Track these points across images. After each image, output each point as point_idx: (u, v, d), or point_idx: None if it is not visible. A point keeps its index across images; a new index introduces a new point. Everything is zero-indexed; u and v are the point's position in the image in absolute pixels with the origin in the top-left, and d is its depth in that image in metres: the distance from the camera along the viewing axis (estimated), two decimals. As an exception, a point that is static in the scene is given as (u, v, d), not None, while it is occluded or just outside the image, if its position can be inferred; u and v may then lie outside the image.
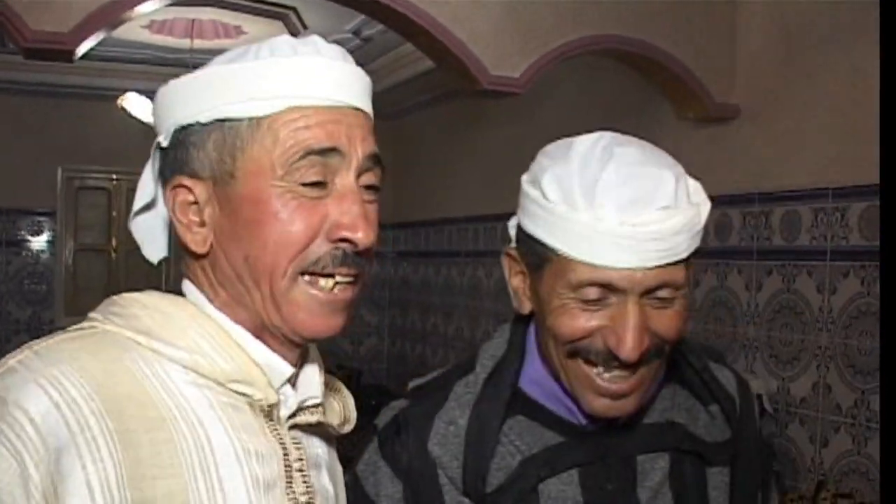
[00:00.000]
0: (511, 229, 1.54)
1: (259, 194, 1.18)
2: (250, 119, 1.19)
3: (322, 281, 1.22)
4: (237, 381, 1.20)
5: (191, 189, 1.22)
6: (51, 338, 1.19)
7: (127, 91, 7.81)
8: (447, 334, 9.02)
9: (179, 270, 1.30)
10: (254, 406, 1.22)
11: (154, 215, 1.33)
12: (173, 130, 1.23)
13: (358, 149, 1.21)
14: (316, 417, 1.30)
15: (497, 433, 1.48)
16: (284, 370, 1.26)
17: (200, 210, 1.23)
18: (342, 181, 1.21)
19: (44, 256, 9.93)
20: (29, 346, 1.16)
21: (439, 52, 4.91)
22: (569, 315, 1.39)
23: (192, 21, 7.50)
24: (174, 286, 1.30)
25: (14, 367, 1.11)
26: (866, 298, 4.70)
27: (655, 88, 5.61)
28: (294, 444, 1.26)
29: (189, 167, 1.22)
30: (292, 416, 1.27)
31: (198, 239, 1.23)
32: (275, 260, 1.19)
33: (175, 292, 1.28)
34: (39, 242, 9.89)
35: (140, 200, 1.31)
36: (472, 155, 8.41)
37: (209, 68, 1.22)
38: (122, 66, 9.00)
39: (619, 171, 1.36)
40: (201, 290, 1.26)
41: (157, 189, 1.29)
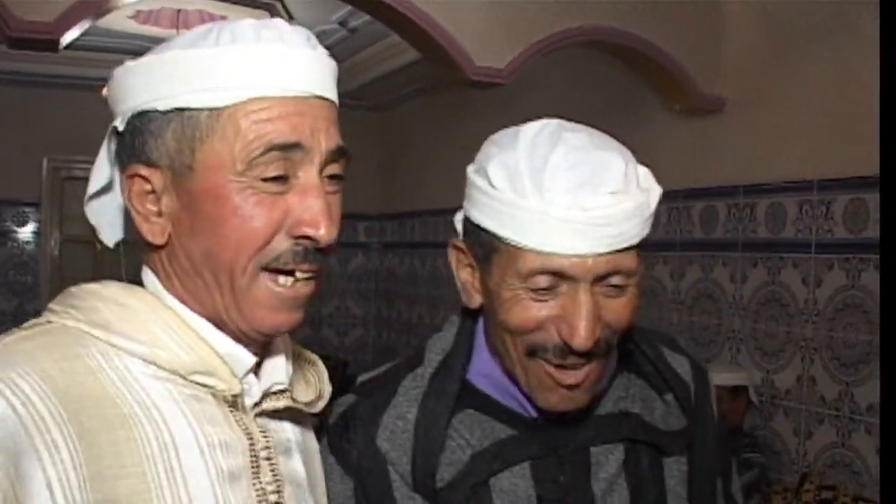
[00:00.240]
0: (457, 223, 1.51)
1: (218, 189, 1.15)
2: (210, 110, 1.14)
3: (282, 277, 1.19)
4: (199, 372, 1.18)
5: (148, 178, 1.18)
6: (6, 336, 1.16)
7: (112, 81, 7.76)
8: (433, 325, 8.95)
9: (137, 258, 1.28)
10: (217, 396, 1.20)
11: (111, 199, 1.29)
12: (130, 115, 1.19)
13: (322, 142, 1.18)
14: (283, 402, 1.27)
15: (446, 428, 1.45)
16: (247, 360, 1.23)
17: (158, 199, 1.19)
18: (305, 176, 1.17)
19: (29, 247, 9.88)
20: None
21: (425, 42, 4.90)
22: (520, 306, 1.36)
23: (179, 11, 7.47)
24: (135, 276, 1.27)
25: None
26: (851, 291, 4.71)
27: (641, 80, 5.62)
28: (261, 433, 1.24)
29: (146, 155, 1.18)
30: (258, 403, 1.25)
31: (155, 230, 1.20)
32: (235, 256, 1.16)
33: (134, 282, 1.25)
34: (25, 233, 9.85)
35: (95, 184, 1.27)
36: (459, 146, 8.32)
37: (168, 52, 1.17)
38: (108, 57, 8.92)
39: (568, 156, 1.33)
40: (160, 280, 1.23)
41: (112, 172, 1.26)
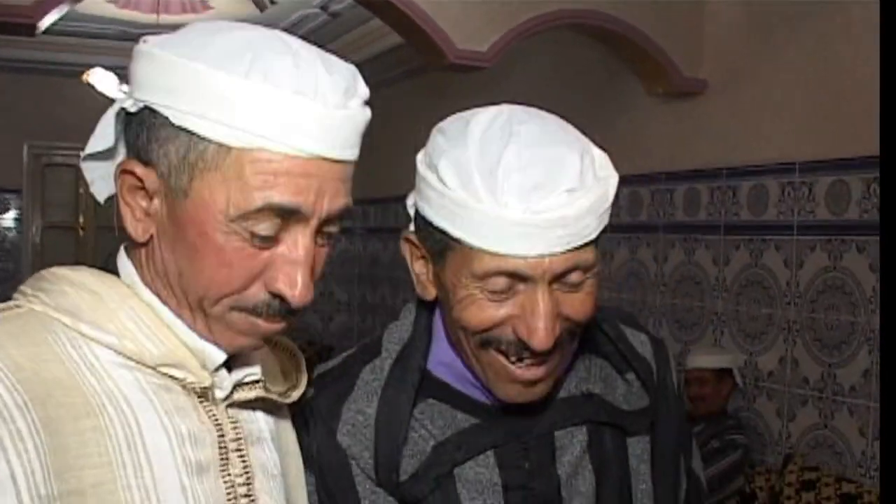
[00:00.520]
0: (409, 209, 1.45)
1: (205, 226, 1.11)
2: (220, 145, 1.09)
3: (254, 317, 1.16)
4: (167, 364, 1.15)
5: (141, 179, 1.14)
6: None
7: (93, 67, 7.71)
8: (418, 310, 8.96)
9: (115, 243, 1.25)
10: (186, 387, 1.17)
11: (108, 165, 1.23)
12: (143, 105, 1.13)
13: (325, 206, 1.13)
14: (255, 393, 1.24)
15: (408, 419, 1.42)
16: (216, 357, 1.19)
17: (149, 198, 1.15)
18: (295, 239, 1.13)
19: (10, 234, 9.86)
20: None
21: (406, 26, 4.88)
22: (476, 306, 1.32)
23: (159, -5, 7.45)
24: (106, 262, 1.24)
25: None
26: (833, 273, 4.72)
27: (623, 63, 5.61)
28: (231, 423, 1.21)
29: (147, 155, 1.14)
30: (230, 394, 1.22)
31: (139, 227, 1.16)
32: (206, 293, 1.14)
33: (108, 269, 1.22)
34: (6, 220, 9.82)
35: (94, 147, 1.21)
36: (442, 130, 8.36)
37: (194, 63, 1.10)
38: (89, 42, 8.91)
39: (520, 155, 1.28)
40: (138, 271, 1.20)
41: (116, 143, 1.20)
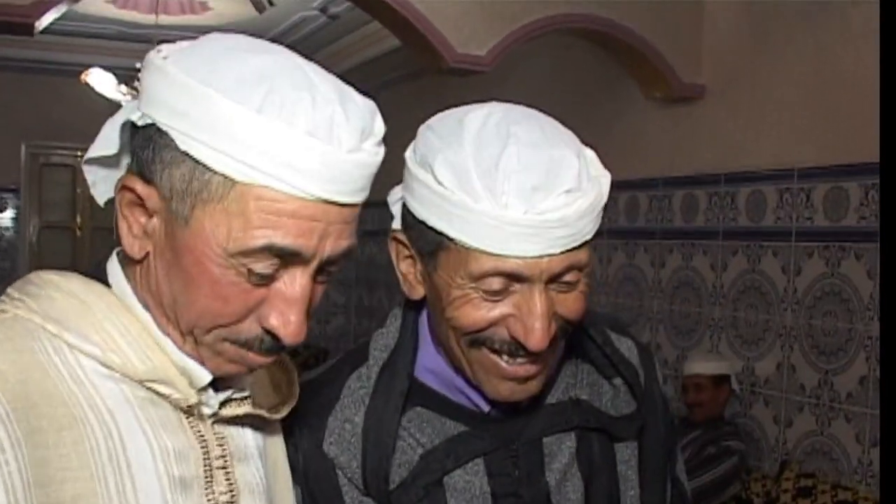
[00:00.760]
0: (393, 206, 1.43)
1: (203, 257, 1.08)
2: (225, 177, 1.06)
3: (244, 349, 1.13)
4: (152, 381, 1.13)
5: (142, 197, 1.11)
6: None
7: (91, 66, 7.70)
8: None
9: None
10: (172, 402, 1.15)
11: (111, 171, 1.21)
12: (150, 122, 1.09)
13: (326, 249, 1.11)
14: (243, 409, 1.21)
15: (396, 428, 1.39)
16: (203, 377, 1.16)
17: (148, 215, 1.12)
18: (293, 278, 1.11)
19: (8, 234, 9.85)
20: None
21: (405, 29, 4.88)
22: (471, 305, 1.30)
23: (158, -4, 7.44)
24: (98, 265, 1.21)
25: None
26: (830, 279, 4.72)
27: (622, 68, 5.60)
28: (217, 440, 1.19)
29: (150, 174, 1.10)
30: (217, 410, 1.20)
31: (135, 246, 1.13)
32: (198, 322, 1.11)
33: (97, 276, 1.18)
34: (3, 219, 9.82)
35: (96, 152, 1.19)
36: (440, 134, 8.35)
37: (204, 88, 1.05)
38: (87, 42, 8.90)
39: (520, 156, 1.26)
40: (129, 280, 1.17)
41: (121, 152, 1.17)
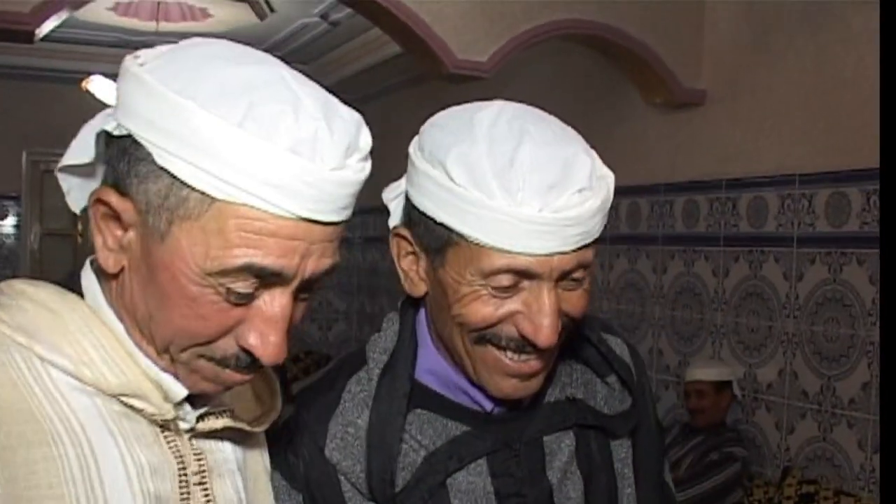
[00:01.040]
0: (390, 202, 1.44)
1: (179, 274, 1.04)
2: (203, 194, 1.01)
3: (221, 367, 1.10)
4: (126, 395, 1.09)
5: (117, 210, 1.07)
6: None
7: (92, 74, 7.70)
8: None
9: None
10: (147, 416, 1.12)
11: (86, 181, 1.18)
12: (126, 132, 1.05)
13: (308, 268, 1.06)
14: (221, 422, 1.18)
15: (401, 431, 1.39)
16: (178, 392, 1.12)
17: (123, 228, 1.09)
18: (273, 297, 1.07)
19: (9, 241, 9.84)
20: None
21: (406, 36, 4.88)
22: (480, 302, 1.30)
23: (158, 3, 7.43)
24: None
25: None
26: (832, 285, 4.70)
27: (622, 74, 5.59)
28: (195, 455, 1.16)
29: (126, 188, 1.07)
30: (195, 424, 1.17)
31: (110, 259, 1.10)
32: (174, 339, 1.08)
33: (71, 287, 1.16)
34: (5, 227, 9.81)
35: (72, 159, 1.14)
36: (441, 140, 8.35)
37: (184, 101, 1.01)
38: (88, 49, 8.91)
39: (535, 154, 1.27)
40: (104, 291, 1.14)
41: (96, 161, 1.13)
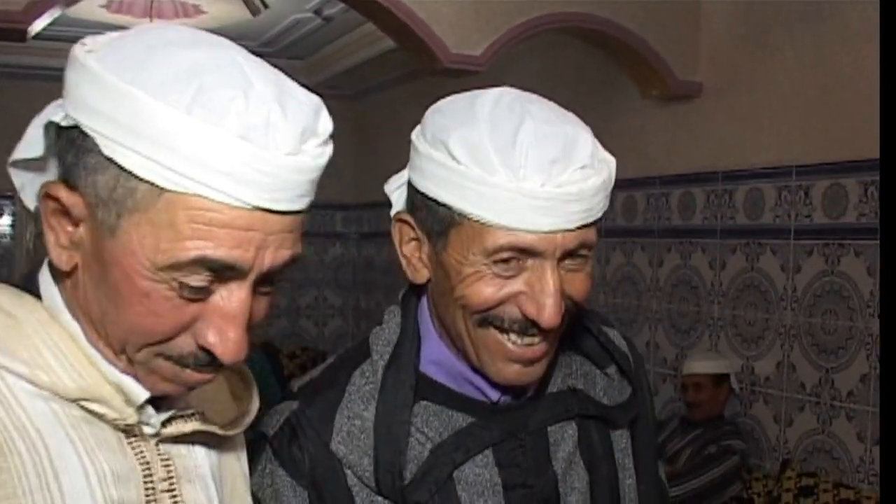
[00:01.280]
0: (392, 193, 1.46)
1: (130, 270, 0.99)
2: (151, 185, 0.97)
3: (179, 367, 1.05)
4: (85, 399, 1.04)
5: (66, 205, 1.02)
6: None
7: (85, 72, 7.68)
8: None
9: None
10: (109, 421, 1.07)
11: (38, 176, 1.11)
12: (74, 123, 1.01)
13: (266, 260, 1.01)
14: (190, 426, 1.13)
15: (408, 423, 1.38)
16: (140, 394, 1.08)
17: (74, 224, 1.04)
18: (230, 292, 1.02)
19: (4, 240, 9.82)
20: None
21: (400, 30, 4.85)
22: (483, 282, 1.30)
23: (152, 0, 7.41)
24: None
25: None
26: (830, 277, 4.69)
27: (618, 67, 5.58)
28: (162, 461, 1.12)
29: (74, 181, 1.02)
30: (161, 427, 1.12)
31: (63, 256, 1.05)
32: (129, 338, 1.03)
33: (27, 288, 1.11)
34: (1, 226, 9.79)
35: (21, 153, 1.08)
36: (436, 135, 8.35)
37: (131, 88, 0.96)
38: (81, 47, 8.90)
39: (536, 131, 1.28)
40: (61, 293, 1.09)
41: (47, 154, 1.07)
